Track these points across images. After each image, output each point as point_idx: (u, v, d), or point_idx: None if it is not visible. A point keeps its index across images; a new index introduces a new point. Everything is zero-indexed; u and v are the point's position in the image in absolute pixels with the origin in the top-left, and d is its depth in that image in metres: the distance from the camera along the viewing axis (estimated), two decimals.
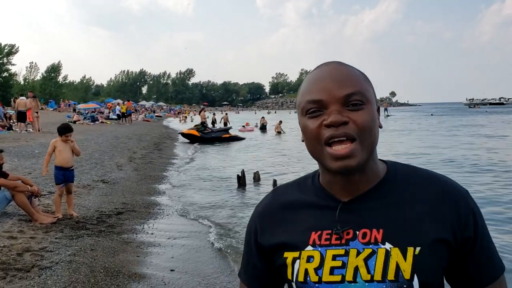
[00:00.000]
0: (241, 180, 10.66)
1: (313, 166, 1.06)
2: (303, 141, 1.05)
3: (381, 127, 1.04)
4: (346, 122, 0.95)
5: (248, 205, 8.57)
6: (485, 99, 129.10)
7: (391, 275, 0.93)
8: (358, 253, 0.97)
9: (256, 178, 11.33)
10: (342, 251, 0.98)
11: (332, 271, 0.98)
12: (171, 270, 5.13)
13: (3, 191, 6.24)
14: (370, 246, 0.97)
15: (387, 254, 0.95)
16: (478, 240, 1.00)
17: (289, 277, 1.03)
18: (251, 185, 10.84)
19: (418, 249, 0.94)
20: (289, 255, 1.04)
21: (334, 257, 0.99)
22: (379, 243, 0.96)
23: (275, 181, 10.35)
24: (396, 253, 0.94)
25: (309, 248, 1.02)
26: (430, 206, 0.99)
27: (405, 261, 0.94)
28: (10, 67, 77.08)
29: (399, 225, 0.97)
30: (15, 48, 76.76)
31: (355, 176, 1.00)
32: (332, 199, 1.04)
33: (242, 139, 25.06)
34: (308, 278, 0.99)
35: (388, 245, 0.96)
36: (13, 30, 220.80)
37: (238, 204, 8.93)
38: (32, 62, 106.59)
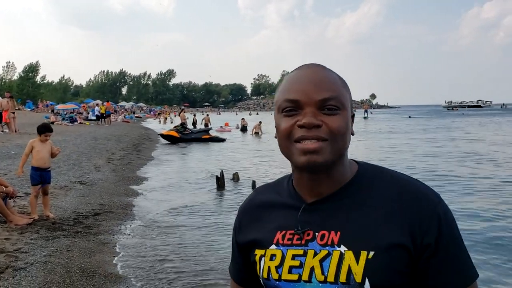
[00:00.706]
0: (220, 181, 10.70)
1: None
2: (276, 137, 1.08)
3: (353, 134, 1.05)
4: (319, 126, 0.97)
5: (224, 206, 8.63)
6: (463, 101, 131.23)
7: (343, 277, 0.95)
8: (315, 254, 0.99)
9: (235, 179, 11.38)
10: (301, 251, 1.01)
11: (290, 270, 1.01)
12: (147, 270, 5.16)
13: None
14: (327, 248, 0.99)
15: (341, 256, 0.96)
16: (442, 247, 0.96)
17: (258, 273, 1.08)
18: (230, 185, 10.89)
19: (371, 253, 0.94)
20: (258, 252, 1.08)
21: (294, 257, 1.02)
22: (335, 245, 0.98)
23: (254, 182, 10.43)
24: (349, 256, 0.96)
25: (273, 246, 1.06)
26: (391, 209, 0.98)
27: (357, 264, 0.94)
28: None
29: (357, 228, 0.98)
30: None
31: (320, 176, 1.02)
32: (298, 200, 1.07)
33: (223, 140, 25.07)
34: (270, 275, 1.04)
35: (343, 248, 0.97)
36: None
37: (215, 205, 8.97)
38: (9, 62, 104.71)
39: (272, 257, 1.04)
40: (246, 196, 1.26)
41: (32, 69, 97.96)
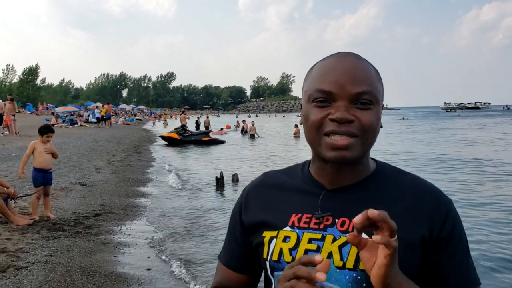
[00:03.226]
0: (219, 182, 10.76)
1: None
2: (301, 123, 1.06)
3: (381, 126, 1.04)
4: (352, 121, 0.96)
5: (224, 206, 8.67)
6: (462, 103, 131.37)
7: (362, 265, 0.92)
8: (334, 240, 0.98)
9: (235, 180, 11.44)
10: (318, 236, 0.99)
11: (306, 253, 0.98)
12: (148, 270, 5.21)
13: None
14: (347, 234, 0.94)
15: None
16: (453, 244, 1.00)
17: (265, 255, 1.05)
18: (229, 186, 10.94)
19: None
20: (267, 234, 1.06)
21: (310, 240, 0.99)
22: None
23: None
24: None
25: (287, 228, 1.03)
26: (413, 204, 1.01)
27: None
28: None
29: None
30: None
31: (346, 168, 1.03)
32: (317, 186, 1.06)
33: (222, 142, 25.10)
34: (282, 258, 1.01)
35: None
36: None
37: (215, 205, 9.01)
38: (9, 65, 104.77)
39: (286, 239, 1.02)
40: None
41: (32, 72, 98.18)
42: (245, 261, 1.15)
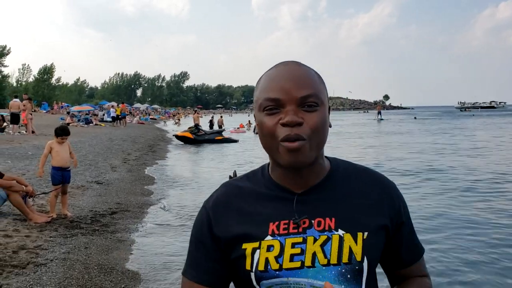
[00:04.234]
0: None
1: None
2: (256, 133, 1.13)
3: (330, 126, 1.10)
4: (301, 123, 1.01)
5: None
6: (476, 102, 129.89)
7: (345, 258, 1.02)
8: (315, 240, 1.04)
9: None
10: (300, 239, 1.04)
11: (292, 258, 1.03)
12: (164, 267, 5.25)
13: None
14: (325, 233, 1.04)
15: (341, 239, 1.04)
16: (407, 225, 1.17)
17: (248, 267, 1.05)
18: None
19: (365, 233, 1.05)
20: (248, 246, 1.06)
21: (293, 245, 1.04)
22: (332, 230, 1.05)
23: None
24: (348, 238, 1.04)
25: (269, 238, 1.05)
26: (372, 197, 1.12)
27: (356, 244, 1.04)
28: (2, 68, 76.90)
29: (348, 213, 1.07)
30: (7, 49, 76.65)
31: (303, 170, 1.08)
32: (286, 191, 1.10)
33: (235, 141, 25.14)
34: (269, 267, 1.03)
35: (341, 231, 1.05)
36: (4, 30, 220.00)
37: None
38: (25, 64, 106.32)
39: (270, 248, 1.04)
40: None
41: (47, 71, 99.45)
42: (217, 275, 1.12)
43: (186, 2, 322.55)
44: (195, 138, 23.92)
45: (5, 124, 22.47)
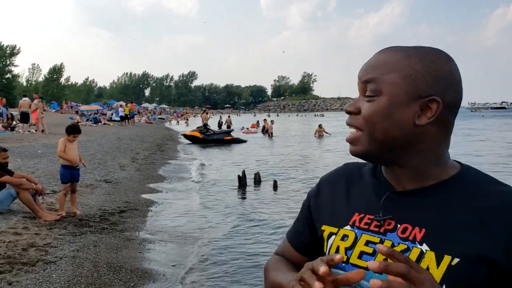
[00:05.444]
0: (242, 181, 10.78)
1: (314, 168, 1.13)
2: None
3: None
4: (353, 112, 0.96)
5: (246, 205, 8.70)
6: (487, 103, 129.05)
7: None
8: (392, 246, 0.90)
9: (257, 179, 11.44)
10: (377, 239, 0.94)
11: (361, 255, 0.94)
12: (173, 265, 5.25)
13: (9, 189, 6.36)
14: (407, 242, 0.90)
15: (421, 255, 0.87)
16: None
17: (324, 250, 1.04)
18: (251, 185, 10.96)
19: (456, 260, 0.84)
20: (326, 229, 1.04)
21: (367, 243, 0.95)
22: (416, 242, 0.89)
23: (275, 181, 10.53)
24: (430, 257, 0.86)
25: (347, 227, 1.00)
26: (489, 219, 0.86)
27: (437, 268, 0.84)
28: (12, 68, 77.50)
29: (444, 230, 0.88)
30: (17, 49, 77.11)
31: (394, 167, 0.98)
32: (385, 186, 1.00)
33: (244, 141, 25.15)
34: None
35: (425, 247, 0.87)
36: (14, 30, 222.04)
37: (237, 203, 9.05)
38: (34, 64, 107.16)
39: (344, 237, 0.99)
40: (268, 195, 1.23)
41: (57, 71, 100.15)
42: (305, 243, 1.14)
43: (195, 2, 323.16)
44: (204, 138, 23.95)
45: (15, 123, 22.68)
